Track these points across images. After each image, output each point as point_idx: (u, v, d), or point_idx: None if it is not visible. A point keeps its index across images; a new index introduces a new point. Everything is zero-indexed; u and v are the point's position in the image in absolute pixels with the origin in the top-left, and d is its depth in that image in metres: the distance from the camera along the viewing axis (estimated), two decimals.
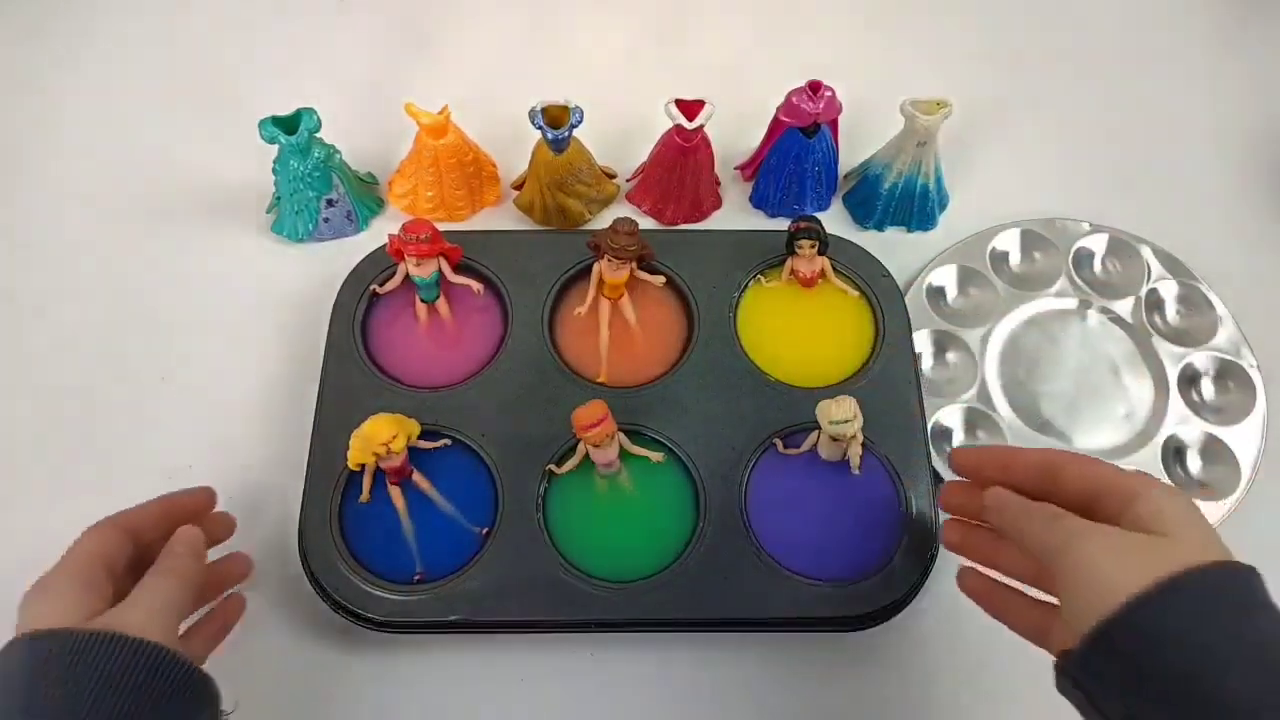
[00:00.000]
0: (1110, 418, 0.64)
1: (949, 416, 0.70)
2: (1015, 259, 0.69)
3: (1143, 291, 0.65)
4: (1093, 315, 0.65)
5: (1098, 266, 0.67)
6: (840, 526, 0.65)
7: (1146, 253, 0.66)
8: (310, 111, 0.69)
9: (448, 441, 0.66)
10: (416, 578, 0.62)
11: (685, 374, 0.69)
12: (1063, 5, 0.83)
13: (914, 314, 0.69)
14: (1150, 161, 0.72)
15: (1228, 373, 0.64)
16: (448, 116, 0.70)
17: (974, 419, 0.70)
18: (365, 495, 0.64)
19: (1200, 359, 0.64)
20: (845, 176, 0.76)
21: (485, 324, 0.71)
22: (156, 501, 0.56)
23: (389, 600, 0.61)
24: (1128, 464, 0.56)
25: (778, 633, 0.63)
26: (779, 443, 0.66)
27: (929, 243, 0.72)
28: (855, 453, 0.64)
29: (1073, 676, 0.44)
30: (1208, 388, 0.63)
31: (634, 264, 0.69)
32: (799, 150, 0.73)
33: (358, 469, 0.63)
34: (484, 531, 0.64)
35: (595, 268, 0.69)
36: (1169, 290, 0.65)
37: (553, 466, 0.65)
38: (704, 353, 0.70)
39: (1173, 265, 0.66)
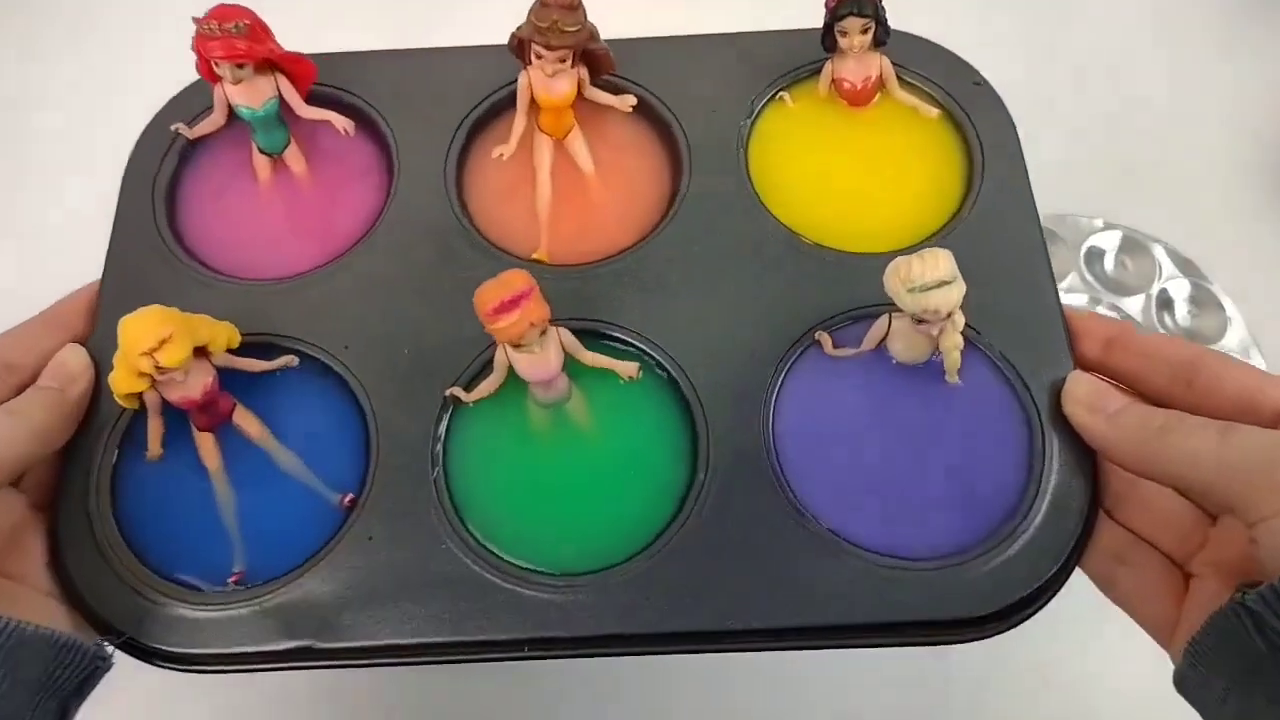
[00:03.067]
0: None
1: None
2: None
3: (1154, 290, 0.64)
4: (1103, 313, 0.62)
5: (1109, 264, 0.65)
6: (932, 470, 0.39)
7: (1159, 252, 0.64)
8: None
9: (292, 359, 0.41)
10: (232, 579, 0.38)
11: (670, 241, 0.43)
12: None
13: None
14: (1165, 161, 0.70)
15: None
16: None
17: None
18: (152, 449, 0.39)
19: None
20: None
21: (361, 182, 0.46)
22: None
23: (183, 618, 0.36)
24: None
25: (835, 647, 0.37)
26: (825, 339, 0.41)
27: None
28: (953, 346, 0.38)
29: (1260, 607, 0.31)
30: None
31: (582, 71, 0.44)
32: None
33: (132, 405, 0.38)
34: (346, 500, 0.39)
35: (521, 80, 0.44)
36: (1180, 290, 0.64)
37: (457, 391, 0.40)
38: (698, 207, 0.44)
39: (1185, 265, 0.64)
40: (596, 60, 0.44)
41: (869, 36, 0.44)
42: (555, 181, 0.45)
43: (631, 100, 0.45)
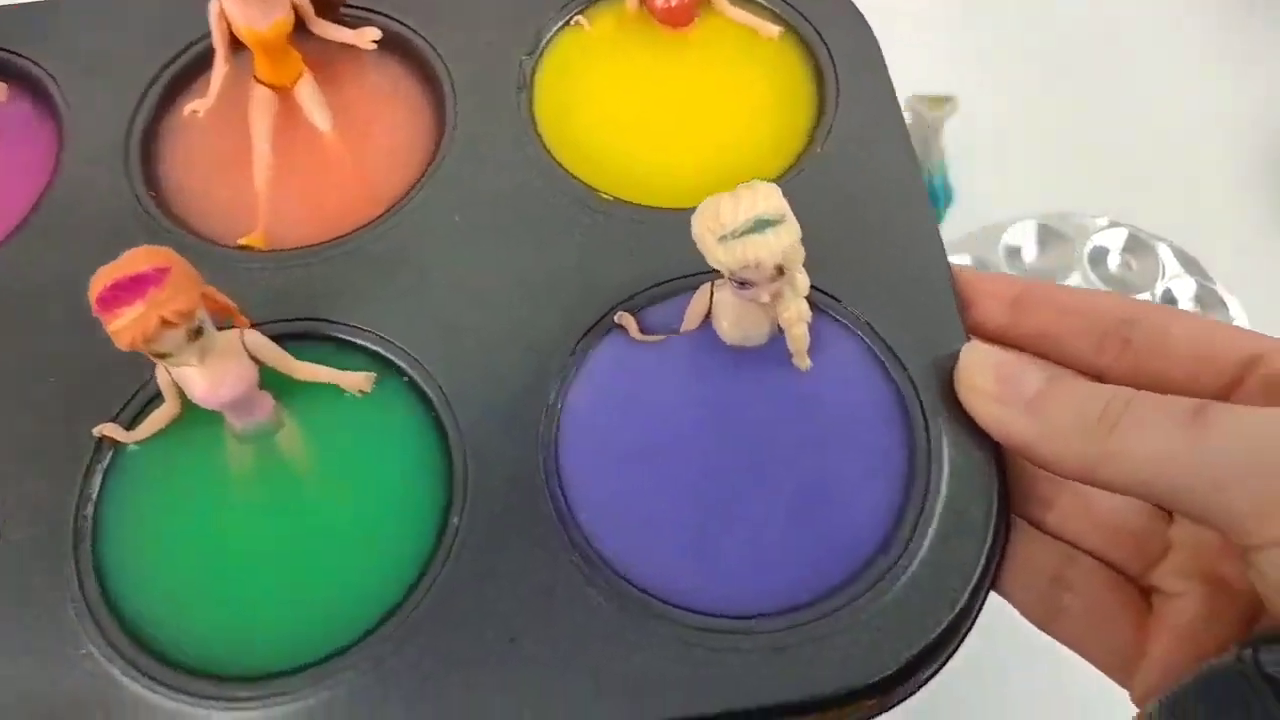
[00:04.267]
0: None
1: None
2: (1029, 252, 0.66)
3: (1157, 289, 0.64)
4: None
5: (1113, 263, 0.65)
6: (777, 491, 0.28)
7: (1163, 251, 0.64)
8: None
9: None
10: None
11: (423, 210, 0.32)
12: None
13: None
14: (1171, 159, 0.70)
15: None
16: None
17: None
18: None
19: None
20: None
21: (23, 157, 0.35)
22: None
23: None
24: None
25: None
26: (628, 321, 0.30)
27: None
28: (794, 318, 0.28)
29: None
30: None
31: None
32: None
33: None
34: None
35: (212, 8, 0.33)
36: (1184, 290, 0.64)
37: (109, 429, 0.28)
38: (463, 166, 0.33)
39: (1189, 264, 0.64)
40: None
41: None
42: (280, 145, 0.34)
43: (374, 34, 0.35)
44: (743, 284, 0.27)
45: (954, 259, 0.60)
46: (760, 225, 0.25)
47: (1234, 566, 0.26)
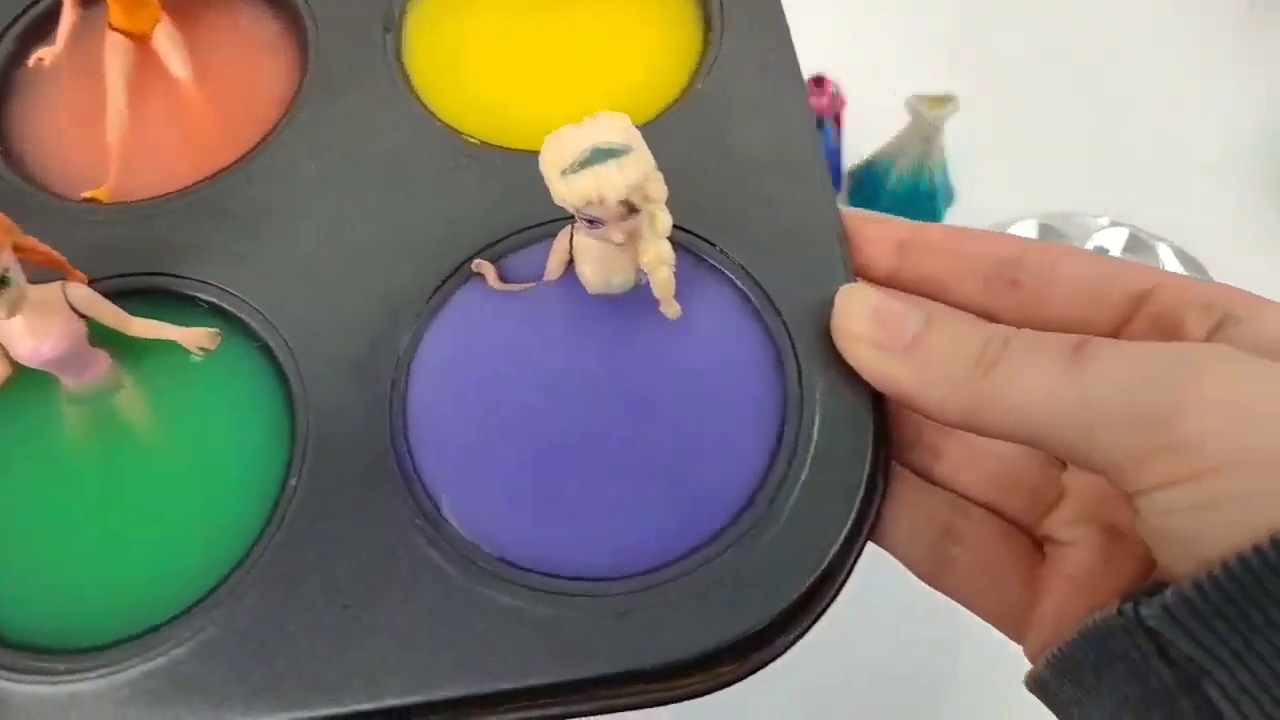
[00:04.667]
0: None
1: None
2: None
3: None
4: None
5: None
6: (641, 443, 0.26)
7: (1164, 251, 0.65)
8: None
9: None
10: None
11: (278, 157, 0.31)
12: None
13: None
14: (1172, 159, 0.70)
15: None
16: None
17: None
18: None
19: None
20: (850, 173, 0.68)
21: None
22: None
23: None
24: None
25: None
26: (486, 269, 0.28)
27: None
28: (656, 260, 0.26)
29: (1167, 630, 0.20)
30: None
31: None
32: None
33: None
34: None
35: None
36: None
37: None
38: (322, 111, 0.31)
39: (1189, 264, 0.64)
40: None
41: None
42: (137, 95, 0.32)
43: None
44: (591, 222, 0.25)
45: None
46: (601, 155, 0.24)
47: (1128, 513, 0.25)
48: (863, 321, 0.26)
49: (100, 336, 0.27)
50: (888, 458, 0.26)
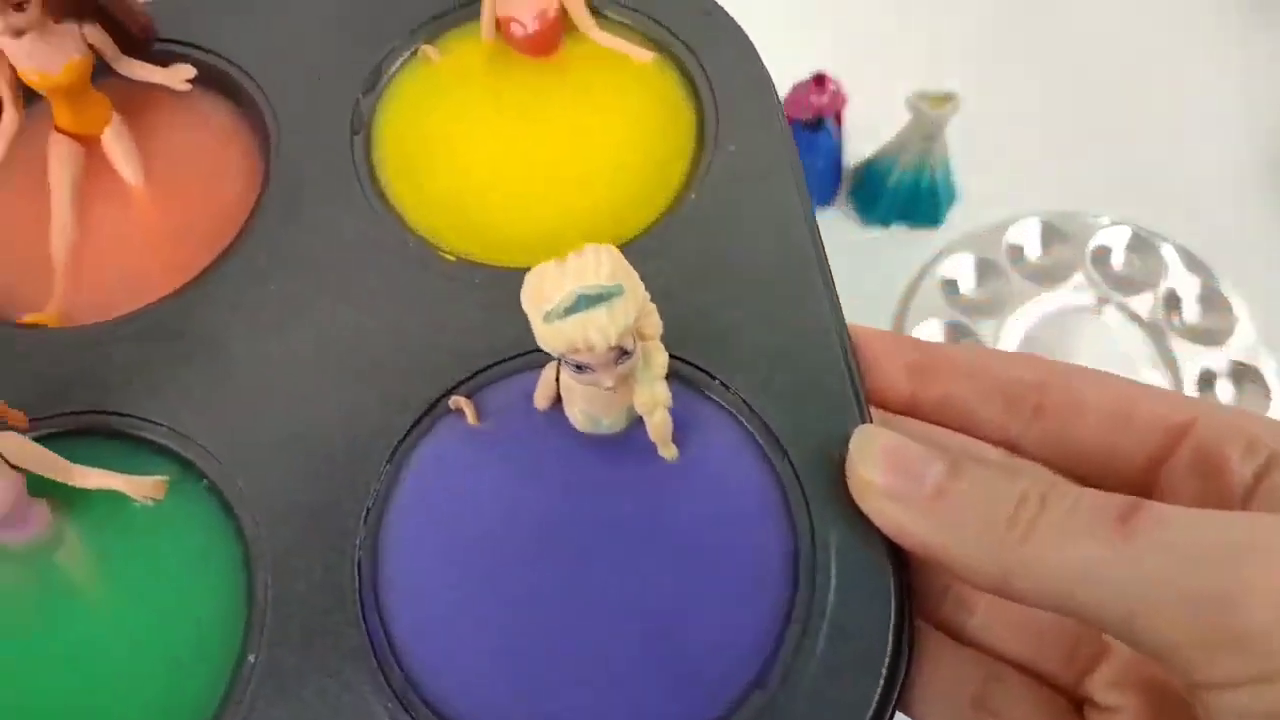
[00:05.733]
0: None
1: None
2: (1032, 251, 0.67)
3: (1161, 289, 0.64)
4: (1109, 311, 0.65)
5: (1117, 262, 0.66)
6: (636, 607, 0.24)
7: (1167, 250, 0.65)
8: None
9: None
10: None
11: (234, 277, 0.28)
12: None
13: (924, 304, 0.64)
14: (1175, 158, 0.70)
15: (1244, 375, 0.62)
16: None
17: None
18: None
19: (1217, 359, 0.62)
20: (851, 171, 0.69)
21: None
22: None
23: None
24: None
25: None
26: (465, 406, 0.26)
27: (935, 239, 0.67)
28: (651, 403, 0.23)
29: None
30: (1224, 388, 0.62)
31: (92, 31, 0.29)
32: (801, 144, 0.56)
33: None
34: None
35: None
36: (1188, 289, 0.64)
37: None
38: (283, 224, 0.29)
39: (1193, 263, 0.65)
40: (115, 11, 0.29)
41: None
42: (85, 204, 0.30)
43: (188, 72, 0.30)
44: (579, 367, 0.22)
45: (957, 258, 0.64)
46: (589, 301, 0.21)
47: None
48: (879, 468, 0.23)
49: (39, 485, 0.25)
50: (913, 621, 0.23)
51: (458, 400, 0.26)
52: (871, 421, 0.25)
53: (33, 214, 0.30)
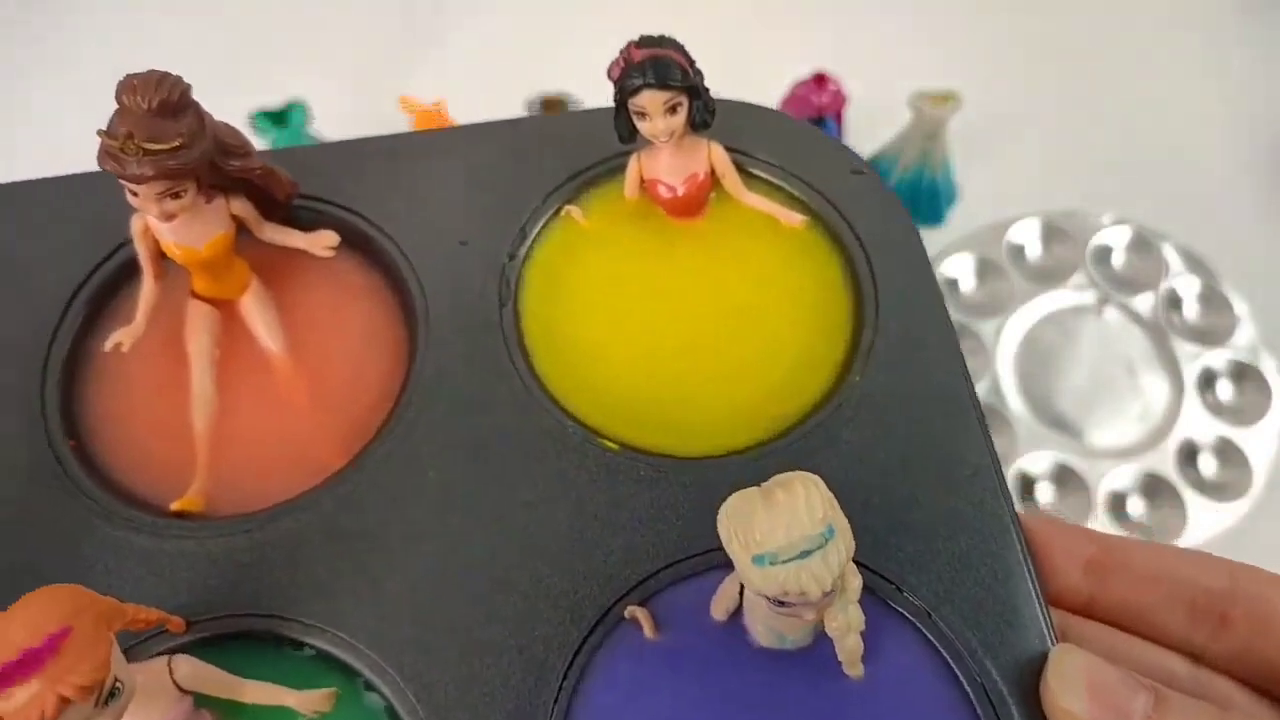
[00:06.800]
0: (1124, 415, 0.61)
1: None
2: (1032, 251, 0.67)
3: (1161, 288, 0.64)
4: (1110, 310, 0.65)
5: (1117, 261, 0.66)
6: None
7: (1167, 249, 0.65)
8: (300, 107, 0.62)
9: None
10: None
11: (389, 462, 0.27)
12: None
13: None
14: (1175, 157, 0.71)
15: (1244, 374, 0.62)
16: (443, 109, 0.49)
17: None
18: None
19: (1217, 359, 0.62)
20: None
21: None
22: None
23: None
24: (1140, 464, 0.57)
25: None
26: (642, 617, 0.25)
27: (935, 239, 0.66)
28: (846, 628, 0.23)
29: None
30: (1224, 388, 0.62)
31: (239, 204, 0.28)
32: None
33: None
34: None
35: (135, 224, 0.28)
36: (1188, 288, 0.64)
37: None
38: (436, 405, 0.28)
39: (1193, 263, 0.65)
40: (262, 183, 0.28)
41: (680, 117, 0.28)
42: (225, 374, 0.29)
43: (330, 239, 0.30)
44: (781, 603, 0.22)
45: (957, 257, 0.63)
46: (806, 552, 0.20)
47: None
48: (1081, 699, 0.23)
49: (203, 695, 0.24)
50: None
51: (633, 611, 0.25)
52: (1054, 627, 0.25)
53: (170, 381, 0.29)
